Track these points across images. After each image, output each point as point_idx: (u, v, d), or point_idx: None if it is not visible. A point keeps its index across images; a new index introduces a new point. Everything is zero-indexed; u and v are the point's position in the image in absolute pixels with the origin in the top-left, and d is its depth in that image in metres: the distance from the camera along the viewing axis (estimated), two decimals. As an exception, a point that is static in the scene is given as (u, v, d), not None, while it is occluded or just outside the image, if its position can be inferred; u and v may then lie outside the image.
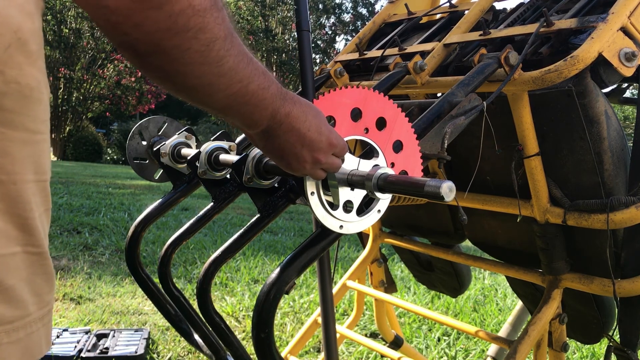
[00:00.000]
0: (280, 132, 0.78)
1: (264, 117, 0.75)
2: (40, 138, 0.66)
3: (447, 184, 0.73)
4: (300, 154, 0.81)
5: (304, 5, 1.30)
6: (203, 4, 0.61)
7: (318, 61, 13.45)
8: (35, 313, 0.68)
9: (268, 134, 0.79)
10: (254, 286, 3.55)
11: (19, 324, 0.65)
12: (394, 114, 0.91)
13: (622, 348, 1.40)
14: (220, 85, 0.68)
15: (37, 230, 0.66)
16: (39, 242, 0.67)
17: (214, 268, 1.16)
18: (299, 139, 0.80)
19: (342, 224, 0.88)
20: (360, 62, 1.72)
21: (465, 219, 1.07)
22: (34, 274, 0.67)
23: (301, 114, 0.79)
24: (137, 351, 2.46)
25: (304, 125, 0.79)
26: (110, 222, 4.98)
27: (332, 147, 0.83)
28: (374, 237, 2.02)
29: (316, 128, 0.81)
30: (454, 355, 2.71)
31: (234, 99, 0.71)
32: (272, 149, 0.81)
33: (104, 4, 0.57)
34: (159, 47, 0.62)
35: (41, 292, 0.69)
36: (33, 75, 0.63)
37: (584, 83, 1.24)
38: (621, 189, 1.33)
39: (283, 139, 0.79)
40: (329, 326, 1.50)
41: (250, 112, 0.74)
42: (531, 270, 1.54)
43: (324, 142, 0.82)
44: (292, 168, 0.83)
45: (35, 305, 0.67)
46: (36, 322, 0.68)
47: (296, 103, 0.79)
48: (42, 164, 0.67)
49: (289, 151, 0.81)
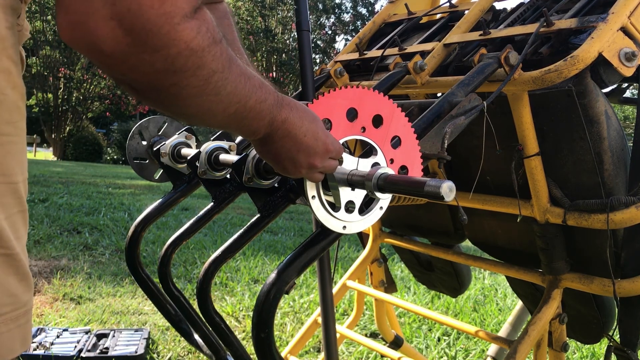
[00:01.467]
0: (276, 138, 0.79)
1: (262, 126, 0.76)
2: (4, 140, 0.65)
3: (447, 184, 0.73)
4: (296, 159, 0.81)
5: (304, 5, 1.30)
6: (201, 44, 0.60)
7: (318, 61, 13.45)
8: (8, 314, 0.67)
9: (266, 140, 0.79)
10: (254, 286, 3.55)
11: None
12: (390, 111, 0.90)
13: (622, 348, 1.40)
14: (218, 110, 0.68)
15: (5, 231, 0.66)
16: (7, 243, 0.67)
17: (214, 268, 1.16)
18: (295, 144, 0.80)
19: (344, 225, 0.88)
20: (360, 62, 1.72)
21: (465, 219, 1.07)
22: (6, 274, 0.67)
23: (297, 120, 0.79)
24: (137, 351, 2.46)
25: (300, 130, 0.80)
26: (110, 222, 4.98)
27: (327, 152, 0.83)
28: (374, 237, 2.02)
29: (312, 133, 0.81)
30: (454, 355, 2.71)
31: (232, 118, 0.71)
32: (268, 154, 0.82)
33: (99, 49, 0.56)
34: (156, 87, 0.61)
35: (16, 292, 0.68)
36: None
37: (584, 83, 1.24)
38: (621, 189, 1.33)
39: (279, 144, 0.80)
40: (329, 326, 1.50)
41: (249, 125, 0.75)
42: (531, 270, 1.54)
43: (320, 147, 0.82)
44: (288, 172, 0.84)
45: (9, 306, 0.67)
46: (7, 323, 0.67)
47: (293, 109, 0.79)
48: (8, 165, 0.67)
49: (285, 156, 0.81)
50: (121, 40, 0.55)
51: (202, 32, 0.60)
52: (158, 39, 0.56)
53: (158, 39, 0.56)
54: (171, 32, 0.56)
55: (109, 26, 0.55)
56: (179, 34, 0.57)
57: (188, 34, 0.58)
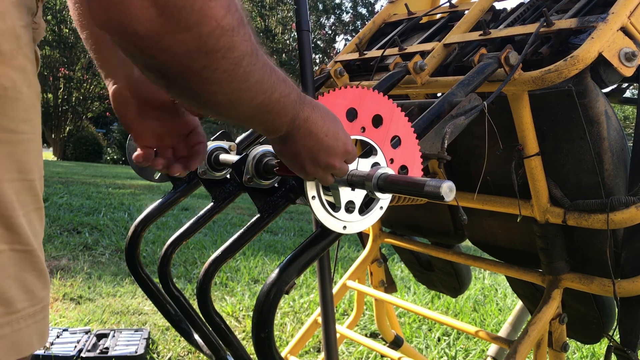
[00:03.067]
0: (298, 137, 0.78)
1: (284, 123, 0.75)
2: (22, 137, 0.66)
3: (447, 184, 0.73)
4: (316, 158, 0.81)
5: (304, 5, 1.30)
6: (231, 23, 0.60)
7: (318, 61, 13.45)
8: (26, 310, 0.68)
9: (286, 138, 0.79)
10: (254, 286, 3.55)
11: (3, 321, 0.65)
12: (390, 111, 0.90)
13: (622, 348, 1.40)
14: (245, 99, 0.68)
15: (23, 228, 0.66)
16: (26, 240, 0.67)
17: (214, 268, 1.16)
18: (317, 143, 0.80)
19: (345, 225, 0.88)
20: (361, 62, 1.72)
21: (465, 219, 1.07)
22: (24, 271, 0.67)
23: (319, 119, 0.79)
24: (137, 351, 2.46)
25: (321, 129, 0.79)
26: (110, 222, 4.98)
27: (346, 154, 0.83)
28: (374, 237, 2.02)
29: (333, 133, 0.81)
30: (454, 355, 2.71)
31: (258, 110, 0.70)
32: (288, 152, 0.81)
33: (133, 31, 0.55)
34: (187, 69, 0.60)
35: (33, 289, 0.69)
36: (7, 75, 0.63)
37: (584, 83, 1.24)
38: (621, 189, 1.33)
39: (301, 143, 0.79)
40: (329, 326, 1.50)
41: (272, 120, 0.74)
42: (531, 270, 1.54)
43: (341, 148, 0.82)
44: (305, 171, 0.83)
45: (26, 302, 0.67)
46: (26, 319, 0.68)
47: (315, 108, 0.79)
48: (26, 163, 0.67)
49: (305, 155, 0.81)
50: (155, 19, 0.55)
51: (232, 11, 0.59)
52: (190, 16, 0.56)
53: (190, 16, 0.56)
54: (203, 8, 0.56)
55: (143, 6, 0.54)
56: (210, 10, 0.57)
57: (219, 11, 0.57)
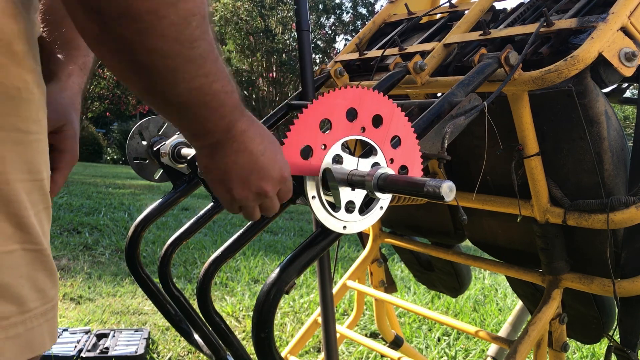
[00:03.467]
0: (230, 150, 0.70)
1: (219, 127, 0.68)
2: (33, 138, 0.66)
3: (447, 184, 0.73)
4: (247, 180, 0.73)
5: (304, 5, 1.30)
6: None
7: (318, 61, 13.45)
8: (38, 309, 0.68)
9: (217, 149, 0.70)
10: (254, 286, 3.55)
11: (17, 320, 0.65)
12: (390, 110, 0.90)
13: (622, 348, 1.40)
14: (185, 74, 0.60)
15: (34, 228, 0.66)
16: (36, 239, 0.67)
17: (214, 268, 1.16)
18: (251, 162, 0.72)
19: (345, 225, 0.88)
20: (361, 62, 1.72)
21: (465, 219, 1.07)
22: (35, 270, 0.67)
23: (257, 136, 0.72)
24: (137, 351, 2.46)
25: (258, 147, 0.72)
26: (110, 222, 4.98)
27: (282, 181, 0.76)
28: (374, 237, 2.02)
29: (271, 154, 0.73)
30: (454, 355, 2.71)
31: (194, 96, 0.63)
32: (216, 169, 0.72)
33: None
34: (130, 10, 0.53)
35: (44, 288, 0.69)
36: (19, 76, 0.62)
37: (584, 83, 1.24)
38: (621, 189, 1.33)
39: (232, 158, 0.71)
40: (329, 326, 1.50)
41: (206, 118, 0.66)
42: (531, 270, 1.54)
43: (277, 172, 0.75)
44: (232, 195, 0.74)
45: (37, 301, 0.67)
46: (37, 318, 0.68)
47: (254, 123, 0.72)
48: (36, 163, 0.67)
49: (236, 175, 0.72)
50: None
51: None
52: None
53: None
54: None
55: None
56: None
57: None
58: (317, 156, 0.85)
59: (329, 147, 0.86)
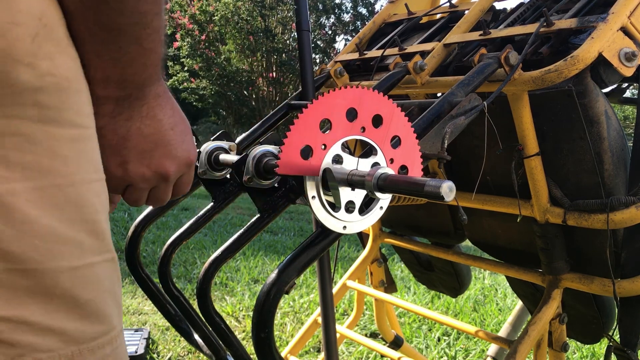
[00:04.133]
0: (137, 114, 0.62)
1: (138, 77, 0.60)
2: (90, 133, 0.59)
3: (447, 184, 0.73)
4: (148, 155, 0.64)
5: (304, 5, 1.30)
6: None
7: (318, 61, 13.44)
8: (119, 326, 0.62)
9: (122, 107, 0.61)
10: (254, 286, 3.55)
11: (104, 340, 0.59)
12: (390, 111, 0.90)
13: (622, 348, 1.40)
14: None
15: (107, 234, 0.60)
16: (110, 247, 0.61)
17: (214, 268, 1.16)
18: (157, 134, 0.64)
19: (344, 225, 0.88)
20: (360, 62, 1.72)
21: (465, 219, 1.07)
22: (114, 283, 0.61)
23: (169, 107, 0.65)
24: (137, 351, 2.46)
25: (169, 119, 0.64)
26: (110, 222, 4.97)
27: (188, 164, 0.69)
28: (374, 237, 2.02)
29: (181, 131, 0.66)
30: (454, 355, 2.71)
31: (136, 21, 0.57)
32: (113, 133, 0.62)
33: None
34: None
35: (120, 302, 0.63)
36: (67, 65, 0.55)
37: (584, 83, 1.24)
38: (621, 189, 1.33)
39: (137, 124, 0.62)
40: (329, 326, 1.50)
41: (132, 58, 0.58)
42: (531, 270, 1.54)
43: (184, 153, 0.67)
44: (125, 170, 0.65)
45: (118, 317, 0.62)
46: (120, 336, 0.62)
47: (167, 92, 0.65)
48: (97, 160, 0.60)
49: (136, 145, 0.63)
50: None
51: None
52: None
53: None
54: None
55: None
56: None
57: None
58: (317, 156, 0.85)
59: (329, 147, 0.86)
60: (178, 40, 12.72)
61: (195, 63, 12.56)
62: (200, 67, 12.55)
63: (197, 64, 12.54)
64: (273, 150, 1.06)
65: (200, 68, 12.57)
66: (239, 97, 13.20)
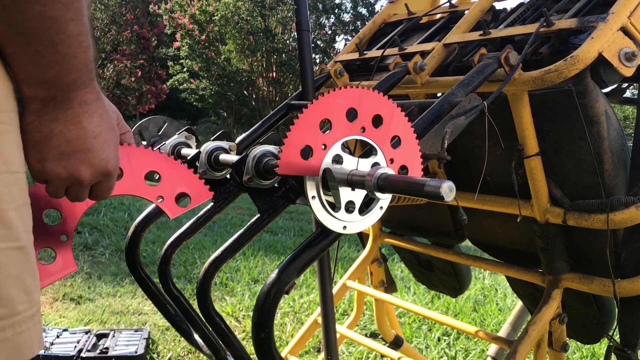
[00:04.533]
0: (62, 117, 0.63)
1: (61, 81, 0.61)
2: (2, 128, 0.60)
3: (447, 184, 0.73)
4: (65, 158, 0.65)
5: (304, 5, 1.30)
6: None
7: (318, 61, 13.44)
8: (26, 312, 0.64)
9: (47, 108, 0.63)
10: (254, 286, 3.55)
11: (5, 323, 0.62)
12: (390, 111, 0.90)
13: (622, 348, 1.40)
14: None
15: (15, 223, 0.61)
16: (19, 235, 0.62)
17: (214, 268, 1.16)
18: (78, 140, 0.65)
19: (344, 225, 0.88)
20: (361, 62, 1.72)
21: (465, 219, 1.07)
22: (22, 270, 0.63)
23: (96, 116, 0.66)
24: (137, 351, 2.46)
25: (93, 128, 0.65)
26: (110, 222, 4.98)
27: (105, 174, 0.69)
28: (374, 237, 2.02)
29: (104, 141, 0.67)
30: (454, 355, 2.71)
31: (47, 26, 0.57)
32: (37, 131, 0.64)
33: None
34: None
35: (30, 290, 0.65)
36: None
37: (584, 83, 1.24)
38: (621, 189, 1.33)
39: (60, 127, 0.63)
40: (329, 326, 1.50)
41: (51, 62, 0.59)
42: (531, 270, 1.54)
43: (102, 163, 0.68)
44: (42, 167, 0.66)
45: (25, 304, 0.64)
46: (26, 321, 0.64)
47: (99, 101, 0.66)
48: (8, 154, 0.61)
49: (56, 147, 0.64)
50: None
51: None
52: None
53: None
54: None
55: None
56: None
57: None
58: (317, 156, 0.85)
59: (329, 147, 0.85)
60: (178, 40, 12.73)
61: (195, 64, 12.56)
62: (200, 67, 12.56)
63: (196, 64, 12.55)
64: (273, 150, 1.06)
65: (200, 68, 12.57)
66: (239, 97, 13.20)
